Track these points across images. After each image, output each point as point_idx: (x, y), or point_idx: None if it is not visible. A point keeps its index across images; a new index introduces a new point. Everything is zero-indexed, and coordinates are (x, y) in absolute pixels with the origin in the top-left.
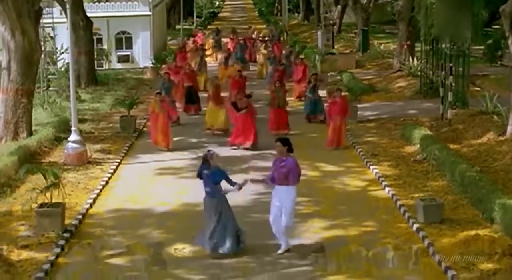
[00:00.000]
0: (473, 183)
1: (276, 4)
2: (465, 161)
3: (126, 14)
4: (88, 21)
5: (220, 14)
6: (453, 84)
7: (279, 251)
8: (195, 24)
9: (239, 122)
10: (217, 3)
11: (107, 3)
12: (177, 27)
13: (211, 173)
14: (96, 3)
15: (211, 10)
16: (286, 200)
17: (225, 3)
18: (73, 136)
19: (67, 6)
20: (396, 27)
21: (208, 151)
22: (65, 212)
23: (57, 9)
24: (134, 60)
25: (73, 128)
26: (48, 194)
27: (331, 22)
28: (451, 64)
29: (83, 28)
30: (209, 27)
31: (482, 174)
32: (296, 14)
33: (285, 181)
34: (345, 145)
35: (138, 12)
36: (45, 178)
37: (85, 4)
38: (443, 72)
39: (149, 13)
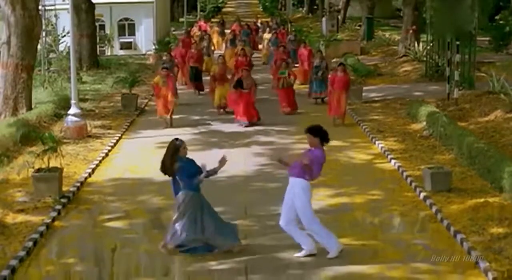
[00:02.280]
0: (481, 153)
1: None
2: (472, 134)
3: (129, 1)
4: (91, 4)
5: (224, 9)
6: (459, 67)
7: (298, 254)
8: (198, 17)
9: (242, 100)
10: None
11: None
12: (181, 20)
13: (185, 164)
14: None
15: (215, 5)
16: (295, 196)
17: None
18: (73, 109)
19: None
20: (400, 21)
21: (176, 139)
22: (62, 178)
23: None
24: (137, 47)
25: (73, 101)
26: (45, 159)
27: (336, 8)
28: (458, 42)
29: (85, 10)
30: (213, 20)
31: (490, 145)
32: (300, 9)
33: (300, 172)
34: (350, 123)
35: None
36: (42, 142)
37: None
38: (450, 51)
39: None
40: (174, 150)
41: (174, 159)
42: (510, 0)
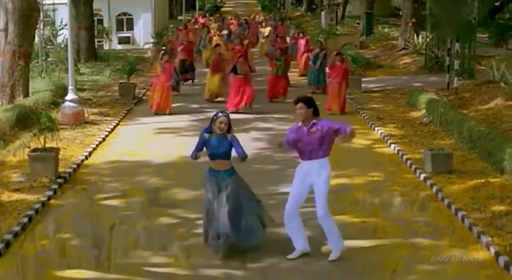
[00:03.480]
0: (482, 137)
1: None
2: (473, 120)
3: None
4: None
5: (223, 9)
6: (458, 57)
7: (291, 255)
8: (198, 14)
9: (235, 85)
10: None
11: None
12: (179, 18)
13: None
14: None
15: (214, 4)
16: (321, 178)
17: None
18: (70, 95)
19: None
20: (399, 19)
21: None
22: (59, 158)
23: None
24: (135, 42)
25: (70, 87)
26: (41, 140)
27: (335, 2)
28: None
29: (83, 2)
30: (211, 18)
31: (491, 129)
32: (299, 7)
33: (319, 153)
34: (349, 111)
35: None
36: (38, 121)
37: None
38: (449, 40)
39: None
40: (210, 121)
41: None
42: None
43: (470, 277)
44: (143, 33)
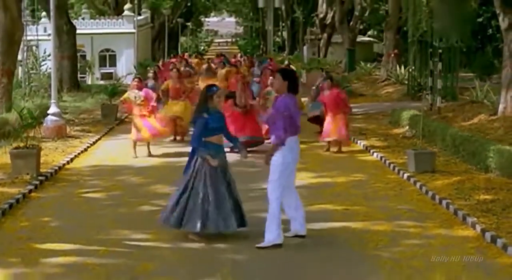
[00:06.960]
0: (465, 140)
1: (262, 46)
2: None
3: (111, 31)
4: (72, 26)
5: (205, 56)
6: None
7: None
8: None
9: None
10: (202, 48)
11: (92, 20)
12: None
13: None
14: (81, 20)
15: (196, 51)
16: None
17: (210, 48)
18: (53, 109)
19: (51, 7)
20: (379, 64)
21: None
22: (40, 156)
23: (41, 26)
24: (117, 78)
25: (52, 101)
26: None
27: (317, 37)
28: (440, 50)
29: (66, 32)
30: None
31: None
32: (281, 53)
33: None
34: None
35: (122, 29)
36: (21, 117)
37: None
38: (432, 61)
39: (133, 30)
40: (204, 99)
41: (200, 108)
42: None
43: (456, 249)
44: (125, 69)
